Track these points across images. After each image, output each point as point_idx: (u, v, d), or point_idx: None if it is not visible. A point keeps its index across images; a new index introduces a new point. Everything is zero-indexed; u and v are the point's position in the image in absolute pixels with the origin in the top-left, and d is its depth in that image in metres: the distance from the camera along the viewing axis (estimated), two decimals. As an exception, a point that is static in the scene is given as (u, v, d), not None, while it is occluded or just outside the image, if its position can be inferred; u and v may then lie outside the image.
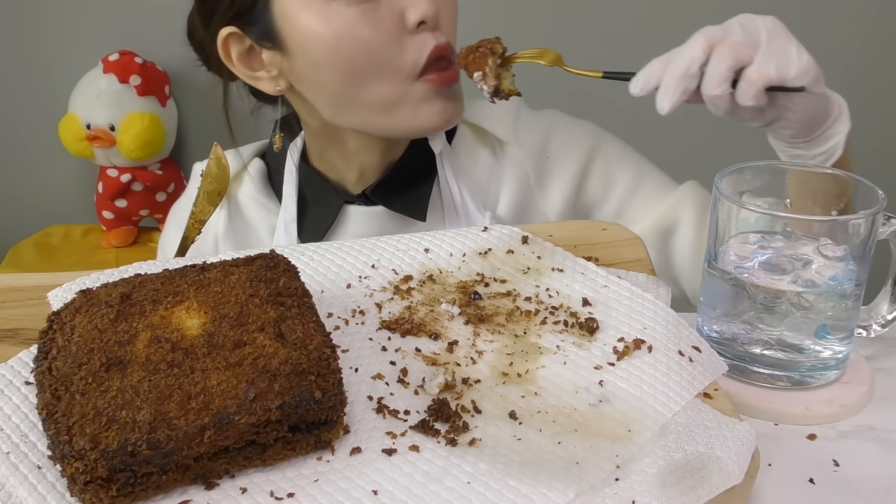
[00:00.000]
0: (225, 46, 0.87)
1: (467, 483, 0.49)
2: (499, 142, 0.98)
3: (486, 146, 0.98)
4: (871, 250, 0.63)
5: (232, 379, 0.50)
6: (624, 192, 0.97)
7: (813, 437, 0.61)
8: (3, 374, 0.57)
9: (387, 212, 0.94)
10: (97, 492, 0.46)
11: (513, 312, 0.65)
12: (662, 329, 0.62)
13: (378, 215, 0.94)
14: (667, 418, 0.55)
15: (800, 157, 0.76)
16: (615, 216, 0.97)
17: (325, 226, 0.95)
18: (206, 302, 0.56)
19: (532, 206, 0.97)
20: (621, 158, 0.98)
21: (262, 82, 0.89)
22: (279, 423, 0.49)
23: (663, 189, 0.97)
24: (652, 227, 0.94)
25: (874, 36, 1.90)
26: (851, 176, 0.66)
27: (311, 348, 0.52)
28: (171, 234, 1.00)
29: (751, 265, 0.65)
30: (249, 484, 0.49)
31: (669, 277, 0.95)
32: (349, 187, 0.96)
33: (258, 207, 0.97)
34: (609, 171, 0.97)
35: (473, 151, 0.98)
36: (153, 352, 0.52)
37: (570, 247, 0.72)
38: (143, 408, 0.48)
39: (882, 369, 0.68)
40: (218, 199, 0.95)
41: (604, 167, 0.97)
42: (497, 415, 0.55)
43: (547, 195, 0.97)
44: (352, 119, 0.88)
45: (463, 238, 0.73)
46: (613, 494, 0.49)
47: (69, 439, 0.46)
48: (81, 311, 0.55)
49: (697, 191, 0.96)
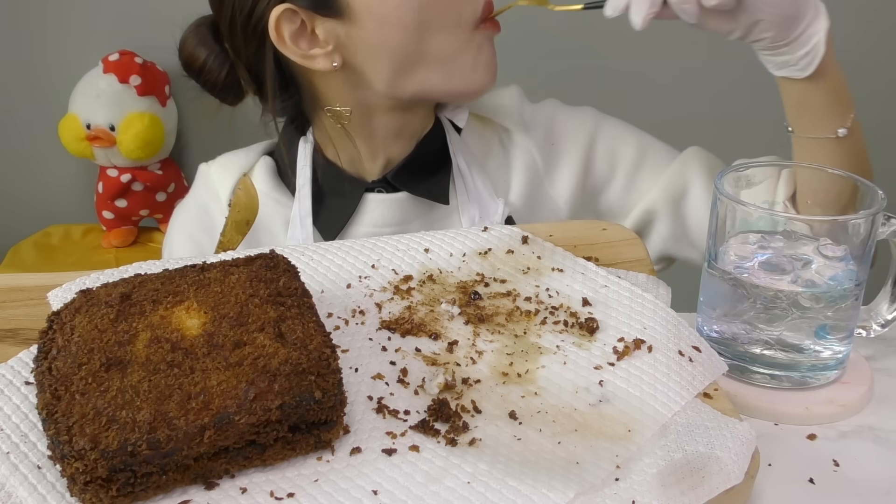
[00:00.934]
0: (277, 27, 0.87)
1: (467, 483, 0.49)
2: (506, 131, 1.00)
3: (494, 136, 1.00)
4: (871, 250, 0.63)
5: (232, 379, 0.50)
6: (629, 166, 0.99)
7: (813, 437, 0.61)
8: (3, 374, 0.57)
9: (409, 197, 0.95)
10: (97, 492, 0.46)
11: (513, 312, 0.65)
12: (662, 329, 0.62)
13: (399, 201, 0.95)
14: (667, 418, 0.55)
15: (787, 64, 0.78)
16: (624, 191, 0.99)
17: (345, 216, 0.95)
18: (206, 302, 0.56)
19: (541, 193, 0.99)
20: (622, 135, 1.00)
21: (317, 60, 0.89)
22: (279, 423, 0.49)
23: (668, 157, 0.99)
24: (662, 195, 0.97)
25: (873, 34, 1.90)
26: (851, 176, 0.66)
27: (311, 348, 0.52)
28: (177, 240, 1.00)
29: (751, 265, 0.65)
30: (249, 484, 0.49)
31: (688, 243, 0.98)
32: (366, 176, 0.96)
33: (271, 203, 0.97)
34: (613, 149, 1.00)
35: (483, 140, 0.99)
36: (153, 352, 0.51)
37: (570, 247, 0.72)
38: (143, 408, 0.48)
39: (882, 369, 0.68)
40: (246, 229, 0.95)
41: (607, 146, 1.00)
42: (497, 415, 0.55)
43: (555, 182, 0.99)
44: (413, 81, 0.88)
45: (463, 238, 0.73)
46: (613, 494, 0.49)
47: (69, 439, 0.46)
48: (81, 311, 0.55)
49: (701, 153, 0.99)
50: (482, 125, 1.00)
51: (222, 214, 0.97)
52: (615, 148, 1.00)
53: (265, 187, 0.98)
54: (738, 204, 0.63)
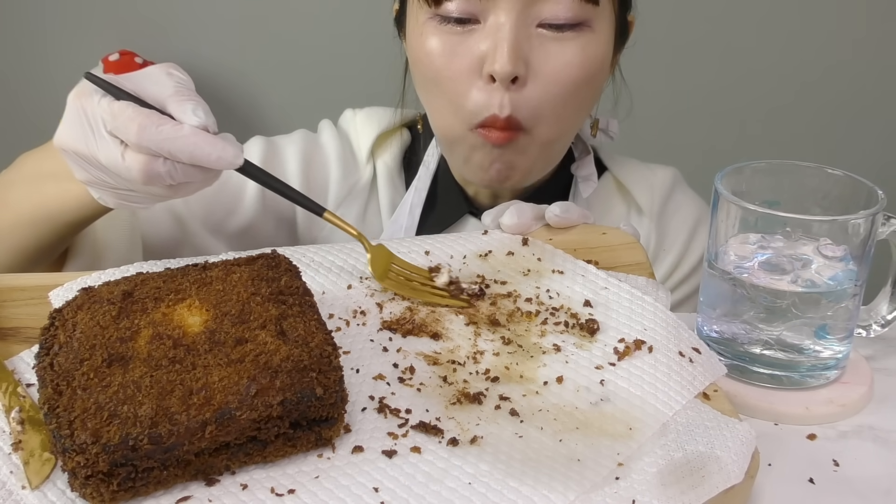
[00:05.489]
0: None
1: (468, 484, 0.49)
2: (637, 209, 0.97)
3: (624, 203, 0.97)
4: (871, 250, 0.63)
5: (233, 375, 0.50)
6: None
7: (813, 437, 0.61)
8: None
9: None
10: (98, 486, 0.46)
11: (513, 313, 0.65)
12: (662, 331, 0.62)
13: None
14: (668, 417, 0.55)
15: None
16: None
17: (441, 227, 0.94)
18: (208, 300, 0.56)
19: None
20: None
21: None
22: (280, 420, 0.49)
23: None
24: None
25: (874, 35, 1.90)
26: (852, 176, 0.66)
27: (312, 345, 0.52)
28: (292, 159, 0.97)
29: (751, 265, 0.65)
30: (250, 480, 0.49)
31: None
32: (478, 197, 0.94)
33: (387, 180, 0.97)
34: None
35: (609, 201, 0.97)
36: (155, 348, 0.52)
37: (569, 250, 0.72)
38: (144, 403, 0.48)
39: (882, 369, 0.68)
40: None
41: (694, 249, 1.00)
42: (498, 413, 0.55)
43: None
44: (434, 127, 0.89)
45: (463, 241, 0.73)
46: (614, 493, 0.49)
47: (70, 433, 0.46)
48: (83, 309, 0.55)
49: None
50: (618, 191, 0.97)
51: (345, 167, 0.96)
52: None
53: (391, 161, 0.97)
54: (737, 204, 0.63)
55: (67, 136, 0.62)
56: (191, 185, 0.62)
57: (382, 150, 0.98)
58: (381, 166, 0.97)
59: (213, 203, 0.92)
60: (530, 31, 0.79)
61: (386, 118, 0.98)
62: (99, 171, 0.62)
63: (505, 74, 0.78)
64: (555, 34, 0.80)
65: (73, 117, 0.62)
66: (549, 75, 0.80)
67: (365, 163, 0.97)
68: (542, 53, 0.80)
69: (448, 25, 0.81)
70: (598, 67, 0.83)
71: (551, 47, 0.80)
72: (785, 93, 1.94)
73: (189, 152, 0.58)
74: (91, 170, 0.63)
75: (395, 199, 0.97)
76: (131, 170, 0.59)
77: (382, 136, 0.98)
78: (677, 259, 0.98)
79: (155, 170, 0.59)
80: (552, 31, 0.80)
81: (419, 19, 0.83)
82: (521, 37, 0.78)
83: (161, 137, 0.57)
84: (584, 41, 0.80)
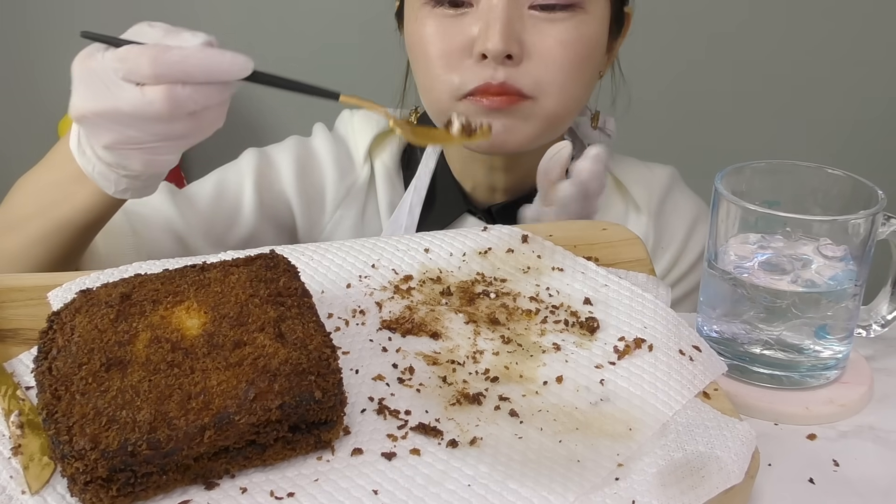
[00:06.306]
0: None
1: (468, 486, 0.49)
2: (635, 205, 0.97)
3: (622, 201, 0.98)
4: (871, 250, 0.63)
5: (232, 379, 0.50)
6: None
7: (813, 437, 0.61)
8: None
9: None
10: (97, 492, 0.46)
11: (513, 312, 0.65)
12: (663, 328, 0.62)
13: None
14: (668, 416, 0.55)
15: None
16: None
17: (440, 226, 0.94)
18: (206, 302, 0.56)
19: None
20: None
21: None
22: (279, 423, 0.49)
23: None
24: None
25: (874, 35, 1.90)
26: (852, 176, 0.66)
27: (311, 348, 0.52)
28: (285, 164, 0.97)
29: (751, 265, 0.65)
30: (249, 484, 0.49)
31: None
32: (476, 196, 0.95)
33: (386, 180, 0.97)
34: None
35: (607, 200, 0.97)
36: (153, 352, 0.51)
37: (569, 246, 0.72)
38: (143, 408, 0.48)
39: (882, 369, 0.68)
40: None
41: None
42: (498, 413, 0.55)
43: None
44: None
45: (463, 238, 0.73)
46: (613, 494, 0.49)
47: (69, 439, 0.46)
48: (81, 311, 0.55)
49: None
50: (616, 189, 0.98)
51: (340, 169, 0.97)
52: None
53: (389, 162, 0.97)
54: (737, 204, 0.63)
55: (83, 100, 0.63)
56: (210, 111, 0.63)
57: (380, 150, 0.98)
58: (379, 166, 0.98)
59: (212, 219, 0.93)
60: (522, 13, 0.82)
61: (383, 118, 0.98)
62: (123, 125, 0.63)
63: (497, 52, 0.80)
64: (546, 15, 0.82)
65: (85, 79, 0.63)
66: (545, 53, 0.82)
67: (362, 163, 0.98)
68: (535, 34, 0.82)
69: (441, 8, 0.83)
70: (592, 47, 0.85)
71: (544, 27, 0.82)
72: (785, 93, 1.94)
73: (203, 66, 0.59)
74: (115, 127, 0.63)
75: (393, 198, 0.97)
76: (154, 102, 0.60)
77: (380, 137, 0.99)
78: (675, 257, 0.98)
79: (177, 94, 0.60)
80: (544, 11, 0.82)
81: (415, 5, 0.85)
82: (513, 17, 0.81)
83: (173, 60, 0.59)
84: (577, 21, 0.83)
